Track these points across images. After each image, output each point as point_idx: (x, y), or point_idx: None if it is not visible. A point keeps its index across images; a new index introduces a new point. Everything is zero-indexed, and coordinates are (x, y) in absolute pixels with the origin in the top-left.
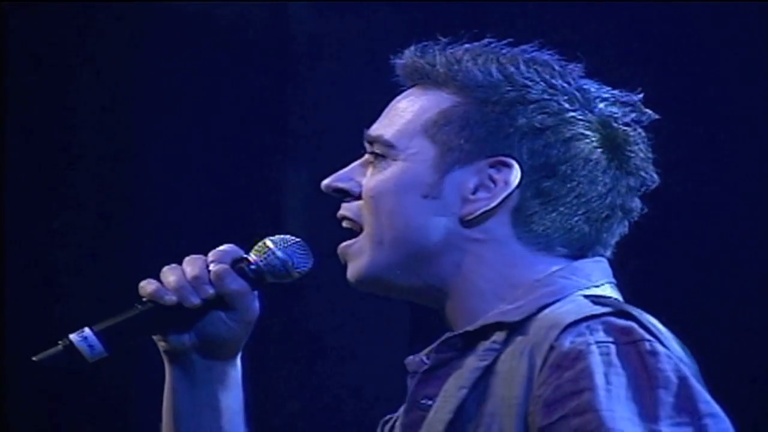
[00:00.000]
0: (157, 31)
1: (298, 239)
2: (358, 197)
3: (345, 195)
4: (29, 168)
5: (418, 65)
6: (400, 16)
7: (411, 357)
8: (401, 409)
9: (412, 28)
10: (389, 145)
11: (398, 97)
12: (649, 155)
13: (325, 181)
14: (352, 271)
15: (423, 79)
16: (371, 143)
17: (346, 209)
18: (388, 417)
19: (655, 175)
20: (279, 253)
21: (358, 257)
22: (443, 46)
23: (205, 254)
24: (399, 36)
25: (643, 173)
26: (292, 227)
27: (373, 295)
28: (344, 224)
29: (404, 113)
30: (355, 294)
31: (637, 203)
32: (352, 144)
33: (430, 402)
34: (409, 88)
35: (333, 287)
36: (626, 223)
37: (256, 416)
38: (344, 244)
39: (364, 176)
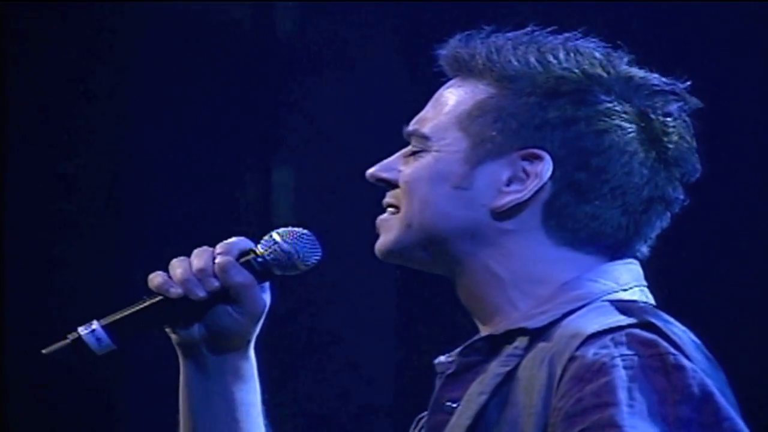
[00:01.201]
0: (144, 30)
1: (305, 231)
2: (398, 186)
3: (387, 184)
4: (28, 167)
5: (458, 56)
6: (386, 15)
7: (441, 357)
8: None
9: (397, 28)
10: (425, 137)
11: (440, 89)
12: (693, 145)
13: (369, 171)
14: (379, 244)
15: (462, 70)
16: (410, 137)
17: (391, 196)
18: (422, 414)
19: (698, 165)
20: (285, 246)
21: (389, 230)
22: (486, 36)
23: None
24: (385, 35)
25: (683, 164)
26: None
27: (359, 288)
28: (389, 210)
29: (442, 106)
30: (341, 288)
31: (679, 194)
32: (339, 144)
33: (454, 405)
34: (451, 78)
35: (321, 283)
36: (668, 215)
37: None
38: (382, 216)
39: (405, 166)
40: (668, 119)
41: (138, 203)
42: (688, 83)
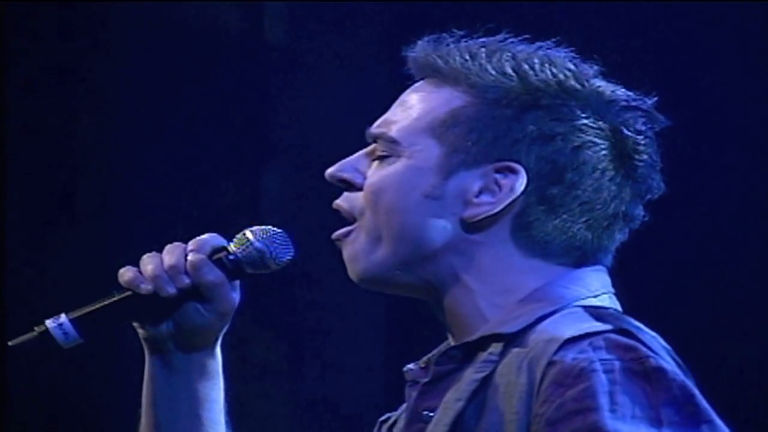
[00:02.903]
0: (133, 33)
1: (278, 230)
2: (360, 188)
3: (348, 185)
4: (28, 169)
5: (430, 59)
6: (376, 19)
7: (410, 366)
8: (399, 412)
9: (387, 31)
10: (393, 141)
11: (407, 91)
12: (658, 163)
13: (329, 170)
14: (352, 270)
15: (434, 74)
16: (376, 139)
17: (344, 200)
18: (385, 417)
19: (662, 184)
20: (257, 244)
21: (355, 254)
22: (458, 40)
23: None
24: (376, 37)
25: (649, 181)
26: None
27: (347, 292)
28: (344, 232)
29: (412, 110)
30: (328, 292)
31: (640, 211)
32: (327, 147)
33: (431, 414)
34: (418, 80)
35: (307, 283)
36: (627, 230)
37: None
38: (339, 232)
39: (368, 167)
40: (639, 137)
41: (129, 206)
42: (655, 99)
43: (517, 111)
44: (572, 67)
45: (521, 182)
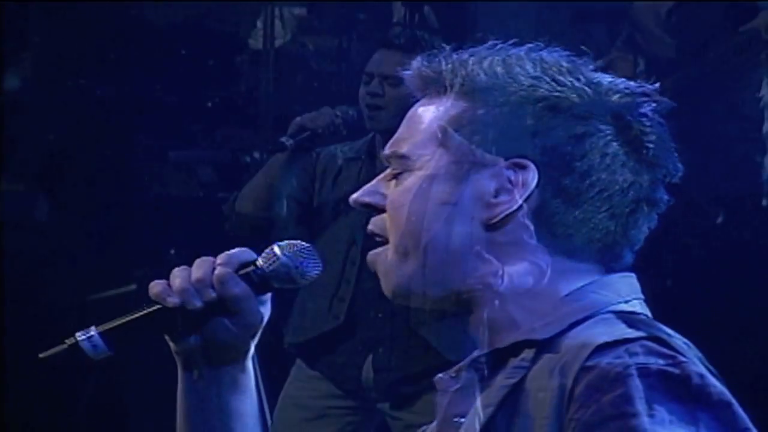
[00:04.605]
0: (147, 33)
1: (306, 245)
2: (384, 209)
3: (372, 209)
4: (27, 169)
5: (424, 75)
6: (385, 20)
7: (440, 375)
8: (432, 426)
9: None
10: (404, 157)
11: (410, 111)
12: (671, 144)
13: (352, 197)
14: (385, 287)
15: (430, 88)
16: (388, 160)
17: (374, 224)
18: (421, 430)
19: (679, 165)
20: (284, 259)
21: (387, 272)
22: (448, 53)
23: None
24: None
25: (664, 163)
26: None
27: None
28: (376, 239)
29: (416, 124)
30: None
31: (662, 194)
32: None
33: (462, 420)
34: (419, 99)
35: None
36: (654, 216)
37: None
38: (372, 252)
39: (389, 189)
40: (644, 119)
41: (135, 210)
42: (657, 84)
43: (514, 107)
44: (566, 63)
45: (533, 176)
